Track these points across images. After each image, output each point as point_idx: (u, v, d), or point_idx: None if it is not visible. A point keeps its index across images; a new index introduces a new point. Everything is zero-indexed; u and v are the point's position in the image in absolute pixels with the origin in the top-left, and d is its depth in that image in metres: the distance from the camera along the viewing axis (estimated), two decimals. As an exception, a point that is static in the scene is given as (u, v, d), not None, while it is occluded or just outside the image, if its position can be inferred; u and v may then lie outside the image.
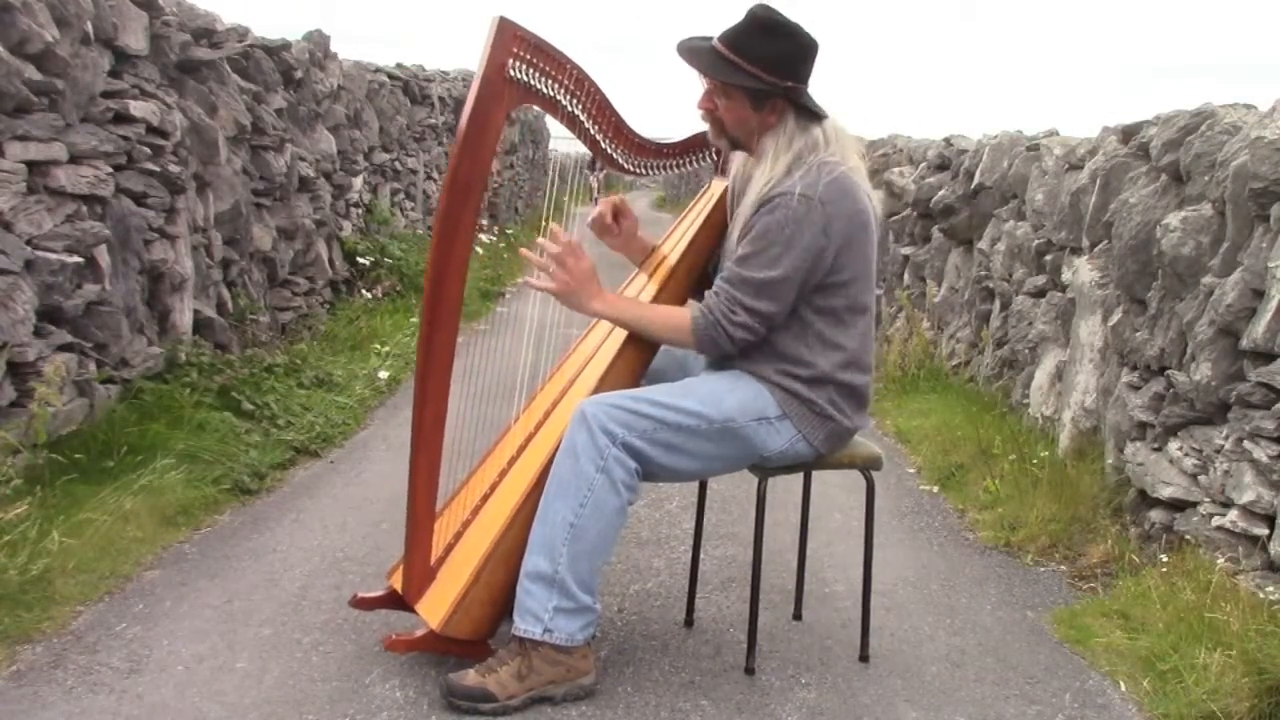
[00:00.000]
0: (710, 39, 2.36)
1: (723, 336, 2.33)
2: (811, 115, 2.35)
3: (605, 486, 2.26)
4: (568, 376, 2.60)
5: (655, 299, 2.50)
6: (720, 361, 2.48)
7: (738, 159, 2.51)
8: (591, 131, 2.41)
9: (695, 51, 2.36)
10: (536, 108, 2.36)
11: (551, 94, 2.30)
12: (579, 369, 2.59)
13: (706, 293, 2.40)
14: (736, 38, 2.32)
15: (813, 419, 2.39)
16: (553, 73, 2.27)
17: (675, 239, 2.67)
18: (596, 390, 2.42)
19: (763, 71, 2.30)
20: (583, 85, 2.33)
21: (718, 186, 2.67)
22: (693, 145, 2.62)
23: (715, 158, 2.67)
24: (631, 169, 2.52)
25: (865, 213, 2.36)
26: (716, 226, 2.58)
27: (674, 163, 2.61)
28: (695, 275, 2.58)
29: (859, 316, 2.41)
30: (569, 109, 2.35)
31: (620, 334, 2.53)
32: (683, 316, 2.38)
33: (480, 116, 2.20)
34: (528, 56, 2.21)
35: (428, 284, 2.23)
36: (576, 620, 2.28)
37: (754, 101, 2.35)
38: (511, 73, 2.20)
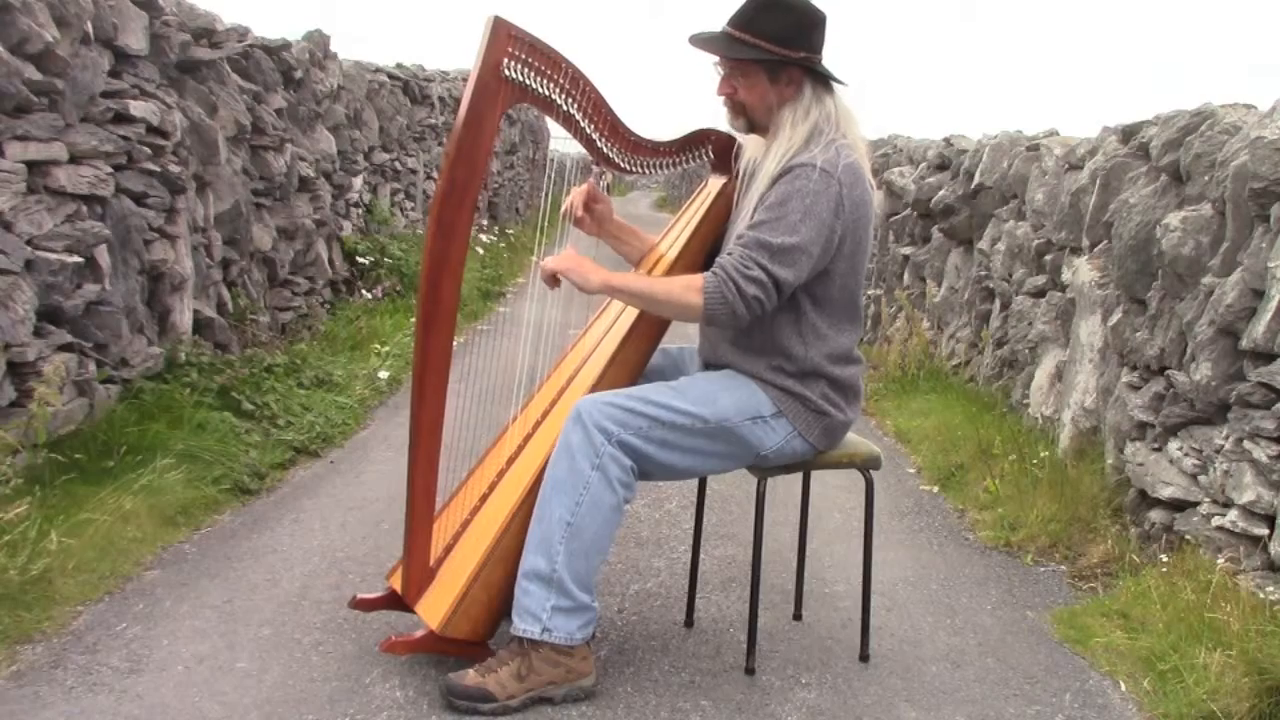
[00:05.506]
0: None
1: (734, 295, 2.25)
2: (827, 85, 2.39)
3: (601, 484, 2.26)
4: (565, 375, 2.59)
5: None
6: (714, 362, 2.48)
7: (750, 147, 2.49)
8: (587, 130, 2.40)
9: (708, 39, 2.39)
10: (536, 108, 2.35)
11: (547, 93, 2.29)
12: (576, 368, 2.58)
13: (718, 257, 2.35)
14: (745, 17, 2.36)
15: (807, 415, 2.40)
16: (548, 72, 2.26)
17: (675, 234, 2.65)
18: (594, 389, 2.42)
19: (775, 45, 2.33)
20: (578, 84, 2.32)
21: (715, 183, 2.66)
22: (689, 143, 2.60)
23: (711, 156, 2.66)
24: (628, 167, 2.51)
25: (870, 204, 2.39)
26: (717, 220, 2.57)
27: (670, 161, 2.57)
28: (697, 269, 2.52)
29: (851, 308, 2.43)
30: (565, 108, 2.34)
31: (617, 333, 2.52)
32: (692, 278, 2.32)
33: (475, 117, 2.18)
34: (523, 55, 2.20)
35: (423, 287, 2.22)
36: (575, 619, 2.28)
37: (770, 75, 2.38)
38: (507, 72, 2.19)
